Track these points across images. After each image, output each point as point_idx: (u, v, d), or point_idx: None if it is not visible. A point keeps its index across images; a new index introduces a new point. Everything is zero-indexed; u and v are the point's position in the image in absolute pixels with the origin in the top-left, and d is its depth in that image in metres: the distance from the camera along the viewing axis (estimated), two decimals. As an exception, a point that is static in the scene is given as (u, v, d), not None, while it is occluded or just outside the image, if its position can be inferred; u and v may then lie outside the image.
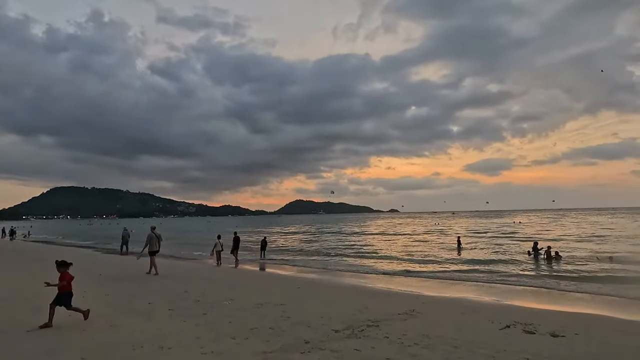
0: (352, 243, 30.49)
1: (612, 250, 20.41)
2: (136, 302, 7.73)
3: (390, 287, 11.48)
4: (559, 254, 18.17)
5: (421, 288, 11.32)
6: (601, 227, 42.69)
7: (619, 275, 13.49)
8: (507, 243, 27.27)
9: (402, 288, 11.18)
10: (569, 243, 25.52)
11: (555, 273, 14.33)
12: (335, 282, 12.33)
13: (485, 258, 19.67)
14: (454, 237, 31.83)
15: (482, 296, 10.02)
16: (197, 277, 12.05)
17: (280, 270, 16.18)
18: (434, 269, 16.17)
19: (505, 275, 14.32)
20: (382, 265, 17.66)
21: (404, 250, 24.48)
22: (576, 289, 11.29)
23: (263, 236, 23.63)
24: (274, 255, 22.33)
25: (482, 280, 13.21)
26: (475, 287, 11.73)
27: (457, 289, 11.31)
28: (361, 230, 52.82)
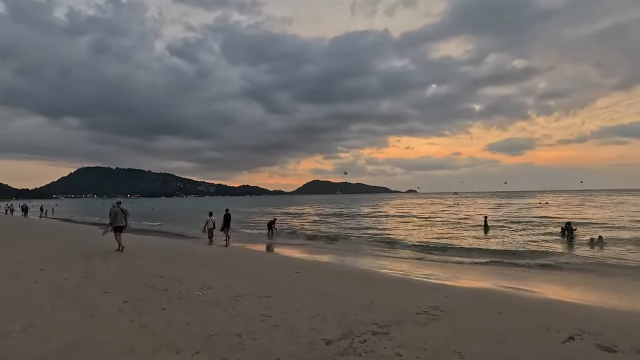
0: (367, 225, 28.80)
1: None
2: (92, 289, 6.33)
3: (406, 274, 9.81)
4: (602, 238, 15.96)
5: (444, 276, 9.58)
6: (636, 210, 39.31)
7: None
8: (536, 223, 25.00)
9: (421, 276, 9.47)
10: (606, 226, 23.03)
11: (602, 259, 12.28)
12: (341, 267, 10.70)
13: (516, 239, 17.70)
14: (475, 217, 29.70)
15: (520, 287, 8.19)
16: (182, 258, 10.73)
17: (283, 251, 14.76)
18: (459, 254, 14.32)
19: (542, 259, 12.40)
20: (398, 249, 15.96)
21: (424, 231, 22.64)
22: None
23: (273, 217, 22.10)
24: (282, 237, 20.98)
25: (517, 266, 11.37)
26: (509, 276, 9.90)
27: (488, 278, 9.51)
28: (378, 211, 51.02)
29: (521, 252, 14.08)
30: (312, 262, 11.72)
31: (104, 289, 6.35)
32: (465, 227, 24.61)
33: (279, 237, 20.63)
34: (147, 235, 19.66)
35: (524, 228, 22.63)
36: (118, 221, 10.92)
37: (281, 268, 9.79)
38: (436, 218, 33.47)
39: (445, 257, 13.43)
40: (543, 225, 24.02)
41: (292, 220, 35.31)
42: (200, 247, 14.88)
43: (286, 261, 11.67)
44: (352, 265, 11.25)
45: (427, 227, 25.43)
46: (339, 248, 16.16)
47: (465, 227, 24.24)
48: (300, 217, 39.10)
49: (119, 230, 10.93)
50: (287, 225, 28.15)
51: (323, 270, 10.00)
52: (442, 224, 27.45)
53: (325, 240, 19.25)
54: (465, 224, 26.29)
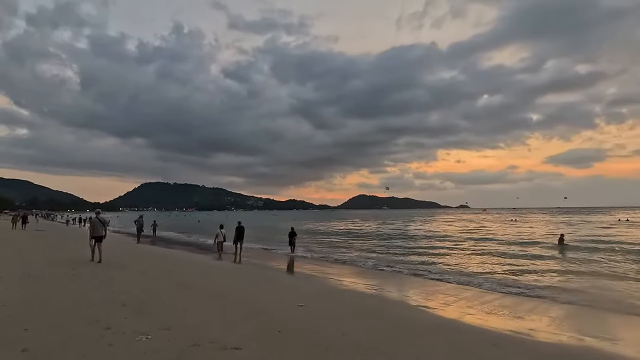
0: (412, 244, 25.88)
1: None
2: (6, 320, 4.82)
3: (463, 315, 7.31)
4: None
5: (526, 320, 6.96)
6: None
7: None
8: (622, 243, 20.49)
9: (489, 320, 6.92)
10: None
11: None
12: (364, 302, 8.40)
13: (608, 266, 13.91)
14: (545, 234, 25.48)
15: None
16: (171, 275, 9.23)
17: (300, 273, 12.76)
18: (537, 282, 11.19)
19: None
20: (451, 275, 13.15)
21: (484, 253, 19.27)
22: None
23: (290, 226, 19.18)
24: (313, 258, 18.98)
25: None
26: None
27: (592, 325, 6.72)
28: (426, 227, 47.18)
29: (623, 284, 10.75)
30: (328, 289, 9.51)
31: (24, 323, 4.79)
32: (534, 246, 20.89)
33: (308, 251, 18.68)
34: (161, 247, 18.89)
35: (611, 249, 18.44)
36: (97, 231, 10.57)
37: (284, 295, 7.78)
38: (497, 236, 29.42)
39: (521, 288, 10.55)
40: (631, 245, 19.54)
41: (329, 237, 33.19)
42: (206, 262, 13.54)
43: (296, 287, 9.54)
44: (379, 299, 8.91)
45: (488, 247, 21.92)
46: (374, 272, 13.79)
47: (534, 247, 20.53)
48: (338, 232, 36.84)
49: (98, 241, 10.58)
50: (321, 240, 26.12)
51: (340, 303, 7.78)
52: (505, 244, 23.68)
53: (363, 261, 16.93)
54: (533, 243, 22.44)
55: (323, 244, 23.16)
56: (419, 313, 7.27)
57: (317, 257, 16.58)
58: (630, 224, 43.59)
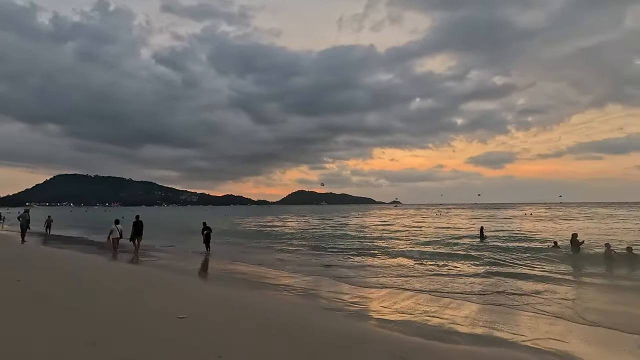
0: (339, 242, 25.58)
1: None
2: None
3: (373, 321, 6.57)
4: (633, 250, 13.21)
5: (438, 321, 6.40)
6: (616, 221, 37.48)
7: None
8: (531, 235, 22.32)
9: (399, 325, 6.24)
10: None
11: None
12: (265, 311, 7.35)
13: (523, 255, 14.75)
14: (467, 228, 26.95)
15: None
16: (37, 282, 7.24)
17: (217, 273, 11.32)
18: (461, 270, 11.22)
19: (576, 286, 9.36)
20: (378, 270, 12.68)
21: (412, 245, 19.46)
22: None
23: (202, 222, 16.95)
24: (235, 247, 17.48)
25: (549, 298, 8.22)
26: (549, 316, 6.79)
27: (515, 321, 6.38)
28: (362, 222, 47.94)
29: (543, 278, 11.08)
30: (229, 297, 8.23)
31: None
32: (458, 238, 21.80)
33: (228, 256, 17.15)
34: (50, 247, 16.01)
35: (524, 240, 19.88)
36: None
37: (170, 303, 6.38)
38: (426, 229, 30.51)
39: (445, 281, 10.28)
40: (540, 237, 21.34)
41: (255, 234, 31.72)
42: (94, 264, 11.49)
43: (192, 293, 8.05)
44: (292, 306, 7.93)
45: (417, 239, 22.32)
46: (299, 265, 12.82)
47: (458, 238, 21.42)
48: (264, 232, 35.53)
49: None
50: (248, 240, 24.63)
51: (235, 314, 6.57)
52: (432, 236, 24.46)
53: (291, 254, 15.89)
54: (457, 235, 23.53)
55: (245, 242, 21.69)
56: (326, 322, 6.40)
57: (235, 257, 15.14)
58: (535, 217, 48.93)
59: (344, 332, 5.76)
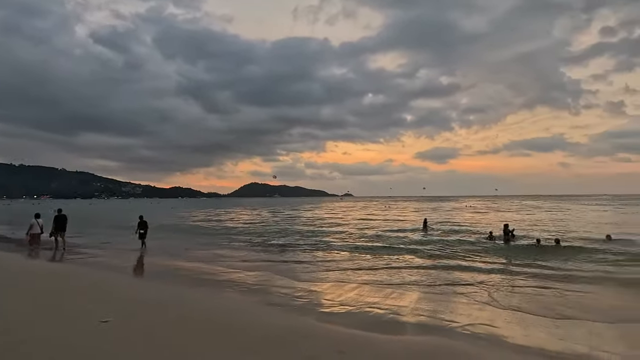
0: (293, 230, 25.43)
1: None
2: None
3: (316, 314, 6.47)
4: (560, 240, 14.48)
5: (378, 311, 6.43)
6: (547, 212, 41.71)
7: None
8: (470, 226, 23.89)
9: (341, 317, 6.19)
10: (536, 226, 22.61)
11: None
12: (202, 310, 7.00)
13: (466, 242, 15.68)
14: (414, 219, 28.12)
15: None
16: None
17: (156, 271, 10.59)
18: (404, 263, 11.51)
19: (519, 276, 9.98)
20: (324, 263, 12.68)
21: (359, 237, 19.82)
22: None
23: (139, 215, 15.40)
24: (169, 247, 16.56)
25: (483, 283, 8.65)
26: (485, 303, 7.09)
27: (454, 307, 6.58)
28: (313, 214, 48.13)
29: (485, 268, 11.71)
30: (164, 298, 7.68)
31: None
32: (404, 229, 22.77)
33: (169, 251, 16.20)
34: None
35: (466, 230, 21.20)
36: None
37: (93, 306, 5.77)
38: (373, 221, 31.35)
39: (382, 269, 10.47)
40: (479, 226, 22.91)
41: (202, 229, 30.55)
42: (9, 262, 10.20)
43: (121, 294, 7.34)
44: (232, 302, 7.62)
45: (364, 231, 22.78)
46: (234, 273, 12.42)
47: (404, 229, 22.39)
48: (212, 226, 34.40)
49: None
50: (193, 235, 23.58)
51: (168, 316, 6.12)
52: (379, 227, 25.18)
53: (220, 261, 15.36)
54: (403, 227, 24.55)
55: (189, 237, 20.74)
56: (268, 317, 6.21)
57: (176, 254, 14.33)
58: (473, 209, 52.64)
59: (285, 327, 5.61)
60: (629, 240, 15.45)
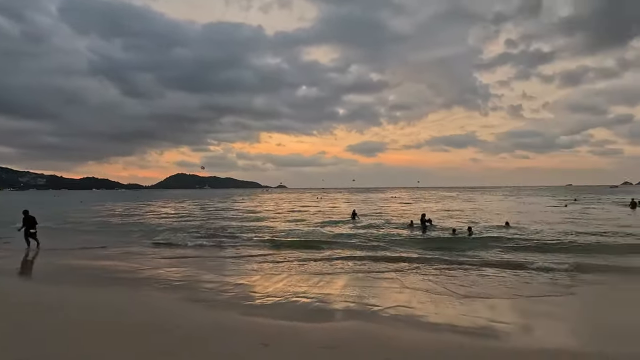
0: (220, 222, 24.53)
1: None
2: None
3: (242, 307, 6.27)
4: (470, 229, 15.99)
5: (304, 300, 6.44)
6: (462, 202, 46.47)
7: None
8: (394, 215, 25.48)
9: (267, 309, 6.07)
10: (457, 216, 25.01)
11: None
12: (120, 302, 6.44)
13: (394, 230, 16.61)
14: (341, 210, 29.00)
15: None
16: None
17: (46, 270, 9.37)
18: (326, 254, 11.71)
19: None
20: (253, 256, 12.41)
21: (289, 228, 19.80)
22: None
23: (23, 210, 13.41)
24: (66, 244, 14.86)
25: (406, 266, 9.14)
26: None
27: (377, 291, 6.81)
28: (243, 206, 46.96)
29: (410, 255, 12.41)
30: (58, 298, 6.89)
31: None
32: (334, 219, 23.51)
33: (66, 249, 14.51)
34: None
35: (389, 220, 22.51)
36: None
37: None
38: (305, 211, 31.62)
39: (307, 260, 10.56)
40: (402, 216, 24.53)
41: (111, 224, 27.97)
42: None
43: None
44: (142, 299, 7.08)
45: (296, 222, 22.83)
46: (146, 269, 11.59)
47: (335, 219, 23.14)
48: (126, 220, 31.75)
49: None
50: (97, 232, 21.44)
51: (72, 316, 5.46)
52: (309, 216, 25.48)
53: (126, 258, 14.27)
54: (333, 216, 25.29)
55: (98, 232, 18.87)
56: (189, 314, 5.90)
57: (80, 253, 12.86)
58: (398, 200, 56.34)
59: (207, 324, 5.39)
60: (523, 227, 17.87)
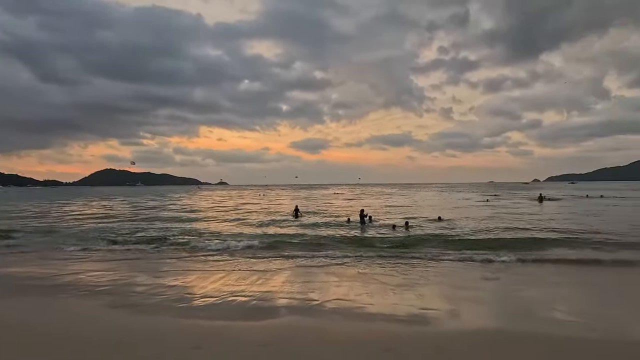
0: (151, 222, 22.94)
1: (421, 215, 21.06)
2: None
3: (173, 311, 5.87)
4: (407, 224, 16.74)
5: (240, 299, 6.21)
6: (402, 198, 49.08)
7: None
8: (334, 211, 25.99)
9: (200, 310, 5.75)
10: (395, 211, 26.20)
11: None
12: (29, 312, 5.73)
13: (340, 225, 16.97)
14: (283, 207, 28.79)
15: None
16: None
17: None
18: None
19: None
20: (189, 255, 11.74)
21: (227, 226, 19.13)
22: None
23: None
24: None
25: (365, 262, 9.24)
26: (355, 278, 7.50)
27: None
28: (181, 204, 44.48)
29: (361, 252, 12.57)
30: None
31: None
32: (276, 217, 23.27)
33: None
34: None
35: (330, 216, 22.88)
36: None
37: None
38: (246, 208, 30.82)
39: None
40: (343, 212, 25.10)
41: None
42: None
43: None
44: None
45: (238, 221, 22.10)
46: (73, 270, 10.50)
47: (276, 217, 22.92)
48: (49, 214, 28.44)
49: None
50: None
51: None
52: (252, 214, 24.89)
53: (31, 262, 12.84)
54: (275, 213, 25.06)
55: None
56: (114, 320, 5.41)
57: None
58: (340, 196, 57.73)
59: (134, 329, 5.01)
60: (453, 221, 19.38)
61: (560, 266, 9.56)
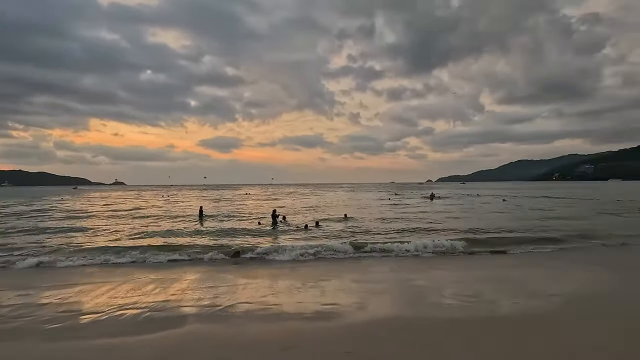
0: (22, 229, 19.29)
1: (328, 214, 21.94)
2: None
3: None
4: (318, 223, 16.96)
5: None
6: (314, 198, 50.35)
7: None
8: (245, 213, 25.28)
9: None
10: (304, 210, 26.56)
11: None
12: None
13: (245, 227, 16.31)
14: (188, 210, 26.88)
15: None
16: None
17: None
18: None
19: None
20: (66, 268, 10.04)
21: (120, 233, 17.02)
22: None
23: None
24: None
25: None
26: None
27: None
28: (62, 208, 38.28)
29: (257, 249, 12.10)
30: None
31: None
32: (179, 220, 21.59)
33: None
34: None
35: (239, 218, 22.12)
36: None
37: None
38: (145, 211, 27.83)
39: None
40: (254, 213, 24.53)
41: None
42: None
43: None
44: None
45: (133, 225, 19.75)
46: None
47: (179, 220, 21.28)
48: None
49: None
50: None
51: None
52: (150, 218, 22.58)
53: None
54: (179, 216, 23.22)
55: None
56: None
57: None
58: (252, 197, 56.60)
59: None
60: (358, 218, 20.61)
61: (446, 256, 10.90)
